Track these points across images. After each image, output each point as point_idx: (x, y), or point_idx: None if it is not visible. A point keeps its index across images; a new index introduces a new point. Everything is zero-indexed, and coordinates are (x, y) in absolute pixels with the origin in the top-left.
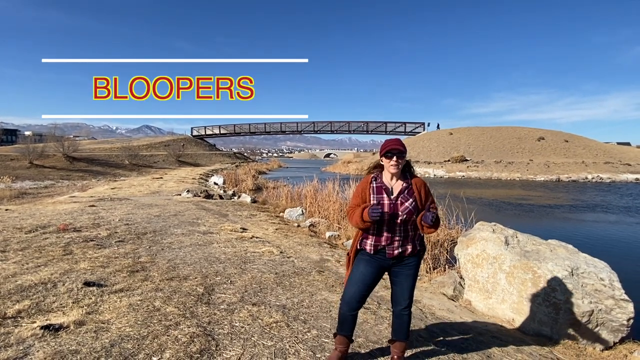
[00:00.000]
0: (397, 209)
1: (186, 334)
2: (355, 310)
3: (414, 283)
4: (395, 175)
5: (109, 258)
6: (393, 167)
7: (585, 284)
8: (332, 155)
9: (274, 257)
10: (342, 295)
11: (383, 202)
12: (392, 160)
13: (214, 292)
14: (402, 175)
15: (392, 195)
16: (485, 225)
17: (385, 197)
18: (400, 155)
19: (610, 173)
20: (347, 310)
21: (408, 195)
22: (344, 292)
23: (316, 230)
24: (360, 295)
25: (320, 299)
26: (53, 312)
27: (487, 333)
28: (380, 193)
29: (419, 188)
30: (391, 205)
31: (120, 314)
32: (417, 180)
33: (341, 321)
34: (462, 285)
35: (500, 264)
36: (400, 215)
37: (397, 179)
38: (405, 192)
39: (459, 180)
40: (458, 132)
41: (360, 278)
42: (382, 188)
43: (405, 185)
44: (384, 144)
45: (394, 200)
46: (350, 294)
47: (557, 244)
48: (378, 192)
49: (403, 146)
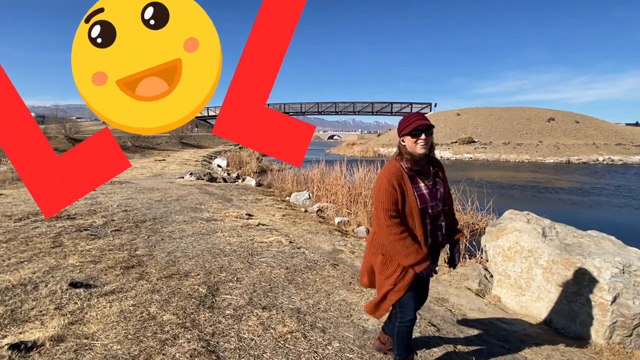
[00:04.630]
0: (436, 197)
1: (186, 352)
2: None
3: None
4: (423, 157)
5: (102, 251)
6: (421, 147)
7: (638, 283)
8: (335, 137)
9: (283, 248)
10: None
11: (422, 193)
12: (419, 138)
13: (219, 292)
14: (425, 157)
15: (429, 183)
16: (518, 214)
17: (423, 186)
18: (429, 132)
19: (622, 155)
20: (412, 325)
21: (439, 179)
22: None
23: (324, 215)
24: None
25: (338, 300)
26: (30, 322)
27: (528, 339)
28: (417, 182)
29: (442, 171)
30: (431, 194)
31: (108, 324)
32: (437, 162)
33: (408, 341)
34: (487, 279)
35: (536, 258)
36: (436, 203)
37: (426, 162)
38: (437, 177)
39: (466, 162)
40: (466, 113)
41: (413, 285)
42: (416, 177)
43: (434, 170)
44: (406, 120)
45: (432, 188)
46: (414, 307)
47: (600, 236)
48: (414, 181)
49: (428, 120)
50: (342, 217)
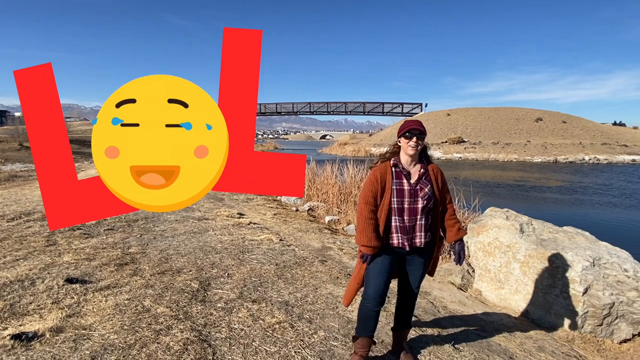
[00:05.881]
0: (417, 195)
1: (179, 340)
2: (381, 305)
3: (425, 272)
4: (413, 158)
5: (95, 249)
6: (412, 148)
7: (607, 275)
8: (328, 137)
9: (274, 246)
10: (365, 290)
11: (403, 188)
12: (411, 140)
13: (210, 287)
14: (419, 160)
15: (411, 181)
16: (498, 211)
17: (405, 183)
18: (421, 136)
19: (607, 154)
20: (373, 306)
21: (427, 180)
22: (368, 287)
23: (315, 214)
24: (386, 288)
25: (325, 294)
26: (28, 315)
27: (505, 328)
28: (400, 178)
29: (435, 174)
30: (411, 191)
31: (104, 316)
32: (434, 167)
33: (364, 320)
34: (470, 274)
35: (514, 253)
36: (420, 201)
37: (415, 164)
38: (424, 178)
39: (456, 161)
40: (456, 113)
41: (383, 269)
42: (401, 173)
43: (424, 171)
44: (404, 124)
45: (414, 186)
46: (375, 287)
47: (574, 232)
48: (397, 177)
49: (423, 127)
50: (332, 216)
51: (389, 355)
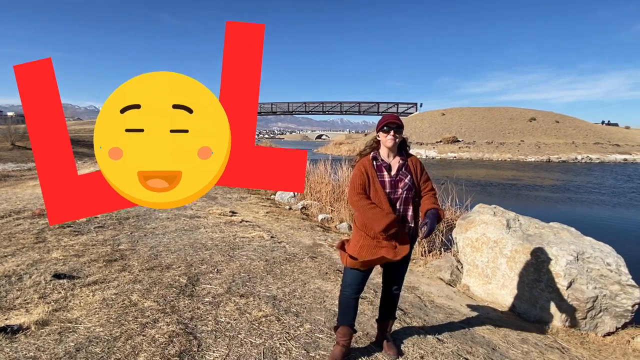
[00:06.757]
0: (397, 186)
1: (165, 333)
2: (358, 293)
3: (408, 263)
4: (392, 151)
5: (85, 246)
6: (390, 140)
7: (591, 269)
8: (323, 137)
9: (265, 243)
10: (343, 278)
11: (384, 180)
12: (389, 134)
13: (199, 282)
14: (398, 153)
15: (392, 172)
16: (486, 207)
17: (386, 175)
18: (398, 130)
19: (600, 154)
20: (350, 294)
21: (406, 171)
22: (346, 275)
23: (308, 213)
24: (364, 276)
25: (313, 288)
26: (15, 309)
27: (489, 322)
28: (381, 171)
29: (414, 165)
30: (392, 182)
31: (91, 310)
32: (413, 158)
33: (343, 308)
34: (459, 270)
35: (501, 248)
36: (400, 191)
37: (394, 156)
38: (403, 169)
39: (451, 161)
40: (450, 113)
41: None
42: (382, 166)
43: (402, 162)
44: (382, 119)
45: (394, 177)
46: (353, 275)
47: (560, 227)
48: (379, 169)
49: (400, 121)
50: (325, 214)
51: (372, 346)
